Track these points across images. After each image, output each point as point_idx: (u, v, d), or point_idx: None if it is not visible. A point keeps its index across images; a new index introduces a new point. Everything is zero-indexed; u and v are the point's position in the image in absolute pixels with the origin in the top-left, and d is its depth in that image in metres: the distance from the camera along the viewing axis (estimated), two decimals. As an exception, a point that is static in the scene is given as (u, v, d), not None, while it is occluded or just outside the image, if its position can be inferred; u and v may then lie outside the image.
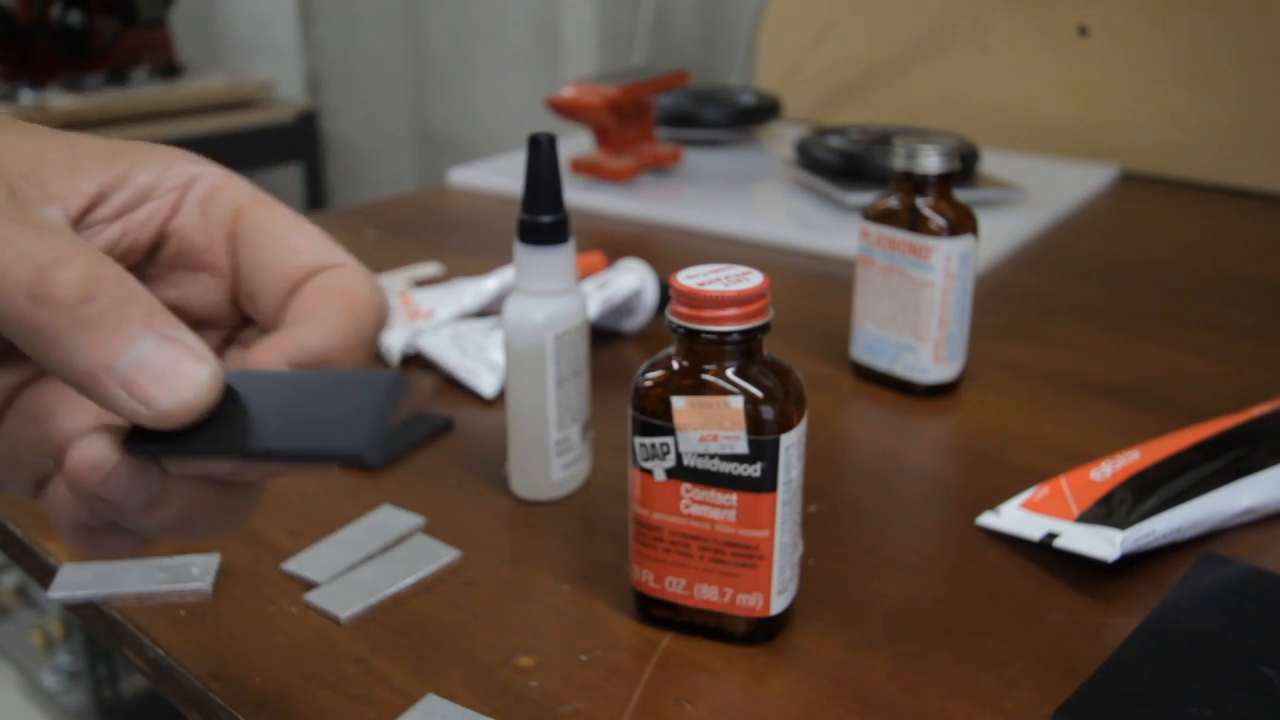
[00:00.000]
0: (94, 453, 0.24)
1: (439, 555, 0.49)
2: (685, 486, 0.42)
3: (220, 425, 0.25)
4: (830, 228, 0.95)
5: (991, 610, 0.46)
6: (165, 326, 0.24)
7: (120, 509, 0.25)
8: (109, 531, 0.27)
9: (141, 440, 0.25)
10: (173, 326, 0.24)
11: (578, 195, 1.05)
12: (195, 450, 0.24)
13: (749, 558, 0.42)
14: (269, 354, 0.26)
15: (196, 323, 0.31)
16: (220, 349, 0.31)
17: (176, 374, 0.24)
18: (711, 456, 0.41)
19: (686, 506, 0.42)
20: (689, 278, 0.41)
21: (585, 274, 0.73)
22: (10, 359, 0.29)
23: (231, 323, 0.31)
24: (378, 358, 0.70)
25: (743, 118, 1.25)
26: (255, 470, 0.26)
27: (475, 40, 2.02)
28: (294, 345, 0.26)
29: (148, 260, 0.30)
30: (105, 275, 0.24)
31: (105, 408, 0.24)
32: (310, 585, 0.47)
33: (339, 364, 0.27)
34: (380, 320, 0.28)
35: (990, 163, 1.14)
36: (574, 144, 1.22)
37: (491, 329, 0.68)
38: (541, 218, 0.50)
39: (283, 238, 0.29)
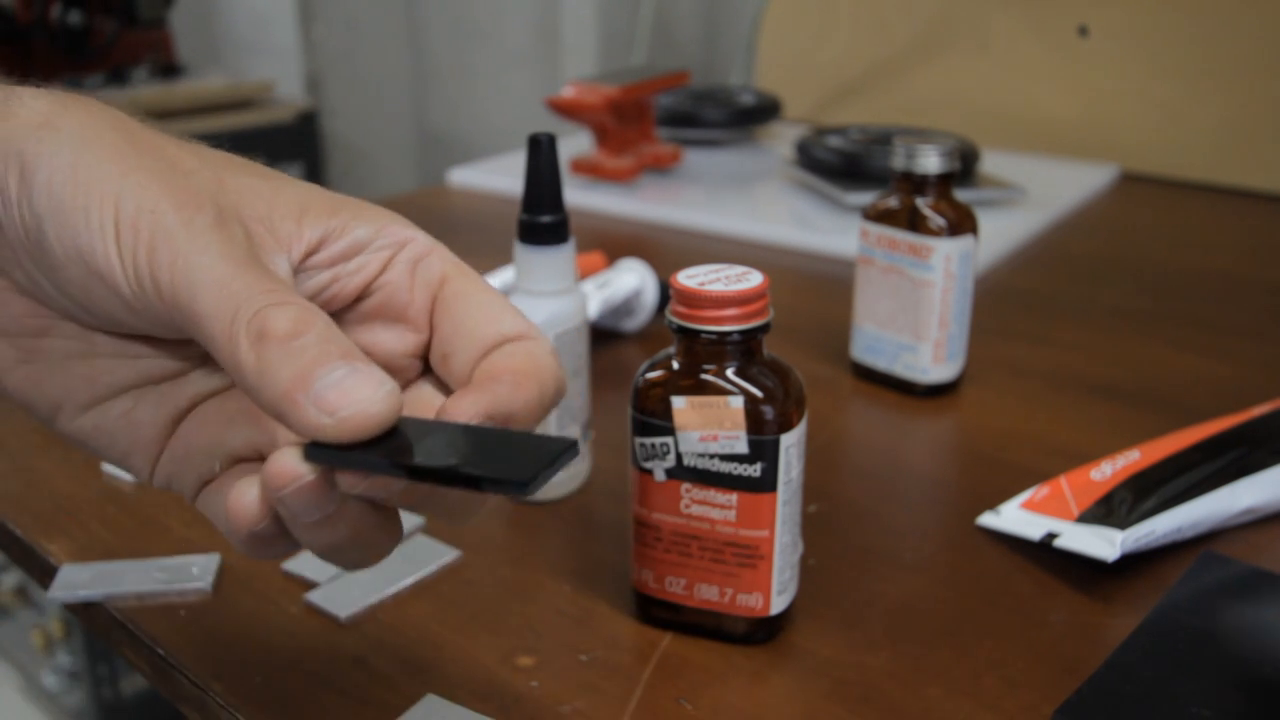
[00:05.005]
0: (290, 465, 0.27)
1: (439, 555, 0.49)
2: (685, 486, 0.42)
3: (392, 449, 0.27)
4: (830, 228, 0.95)
5: (991, 610, 0.46)
6: (358, 360, 0.27)
7: (296, 521, 0.28)
8: (275, 539, 0.29)
9: (319, 452, 0.27)
10: (364, 361, 0.27)
11: (578, 195, 1.05)
12: (365, 464, 0.26)
13: (749, 558, 0.42)
14: (466, 404, 0.28)
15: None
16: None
17: (360, 390, 0.26)
18: (711, 456, 0.41)
19: (686, 506, 0.42)
20: (689, 278, 0.41)
21: (585, 274, 0.73)
22: (199, 371, 0.32)
23: (413, 375, 0.33)
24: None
25: (743, 118, 1.25)
26: (414, 493, 0.29)
27: (475, 40, 2.02)
28: (490, 400, 0.29)
29: (350, 308, 0.32)
30: (312, 319, 0.27)
31: (295, 428, 0.26)
32: (310, 585, 0.47)
33: (522, 420, 0.29)
34: (560, 394, 0.31)
35: (990, 163, 1.14)
36: (574, 144, 1.22)
37: (491, 329, 0.68)
38: (541, 218, 0.50)
39: (484, 307, 0.31)
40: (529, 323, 0.31)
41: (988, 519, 0.52)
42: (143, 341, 0.31)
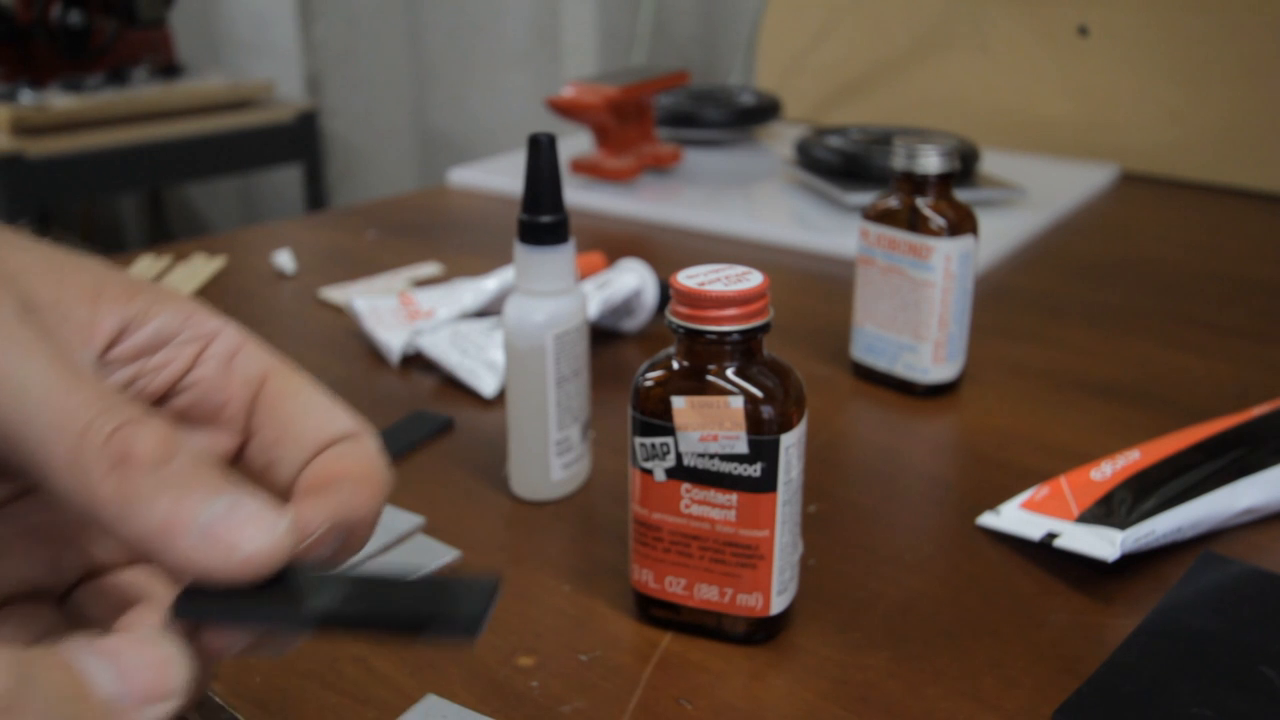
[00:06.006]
0: (161, 655, 0.22)
1: (439, 555, 0.49)
2: (685, 486, 0.42)
3: (281, 595, 0.23)
4: (830, 228, 0.95)
5: (991, 610, 0.46)
6: (239, 484, 0.23)
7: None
8: None
9: (195, 605, 0.23)
10: (244, 485, 0.24)
11: (578, 195, 1.05)
12: (272, 616, 0.23)
13: (749, 558, 0.42)
14: (311, 512, 0.26)
15: None
16: None
17: (257, 522, 0.23)
18: (711, 456, 0.41)
19: (686, 506, 0.42)
20: (689, 278, 0.41)
21: (585, 274, 0.73)
22: None
23: None
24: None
25: (743, 118, 1.25)
26: (277, 641, 0.25)
27: (475, 40, 2.02)
28: (335, 507, 0.26)
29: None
30: (178, 439, 0.23)
31: (176, 566, 0.23)
32: (310, 585, 0.47)
33: (362, 528, 0.27)
34: (388, 492, 0.28)
35: (990, 163, 1.14)
36: (574, 144, 1.22)
37: (491, 329, 0.68)
38: (541, 218, 0.50)
39: (312, 407, 0.28)
40: (354, 418, 0.29)
41: (988, 519, 0.52)
42: None
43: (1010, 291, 0.84)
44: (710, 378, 0.41)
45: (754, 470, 0.41)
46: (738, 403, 0.40)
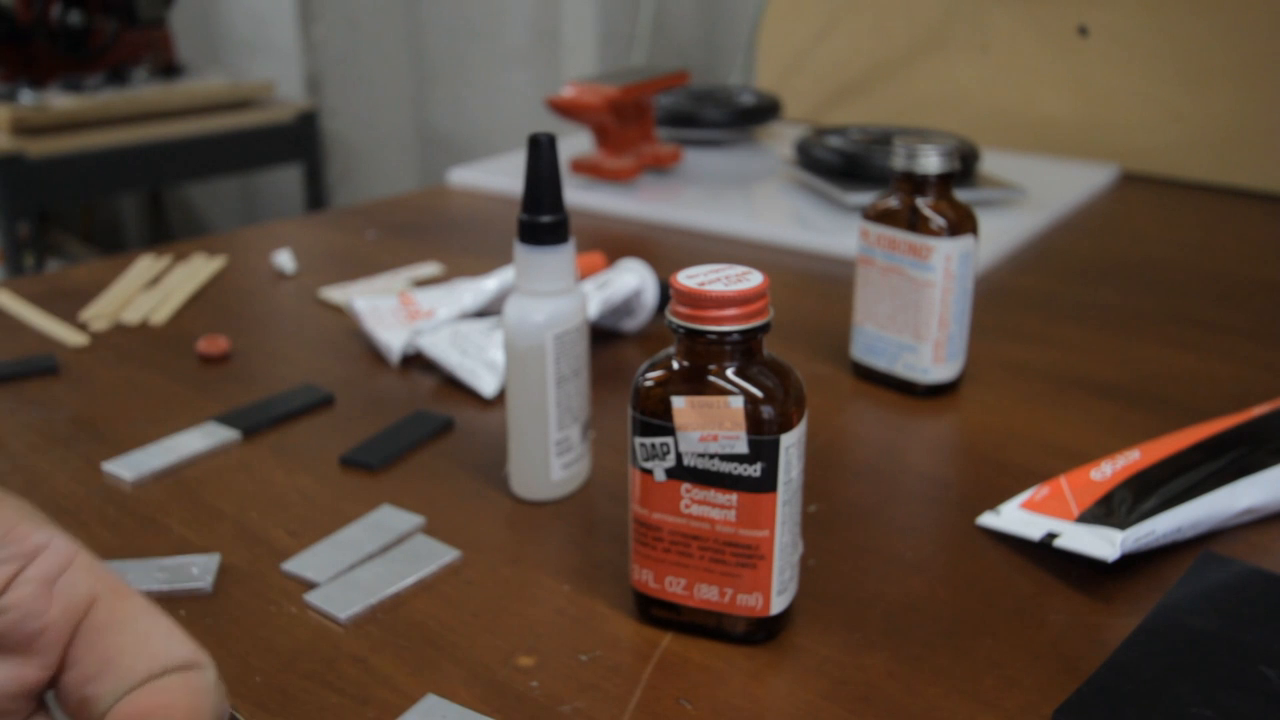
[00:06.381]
0: None
1: (439, 555, 0.49)
2: (685, 486, 0.42)
3: None
4: (830, 228, 0.95)
5: (991, 610, 0.46)
6: None
7: None
8: None
9: None
10: None
11: (578, 195, 1.05)
12: None
13: (749, 558, 0.42)
14: None
15: None
16: None
17: None
18: (711, 456, 0.41)
19: (686, 506, 0.42)
20: (689, 278, 0.41)
21: (585, 274, 0.73)
22: None
23: (21, 716, 0.27)
24: None
25: (743, 118, 1.25)
26: None
27: (474, 40, 2.02)
28: None
29: None
30: None
31: None
32: (310, 585, 0.47)
33: None
34: None
35: (990, 163, 1.14)
36: (574, 144, 1.22)
37: (491, 329, 0.68)
38: (541, 218, 0.50)
39: (142, 635, 0.26)
40: (194, 648, 0.26)
41: (988, 519, 0.52)
42: None
43: (1010, 291, 0.84)
44: (710, 378, 0.41)
45: (754, 470, 0.41)
46: (738, 403, 0.40)
